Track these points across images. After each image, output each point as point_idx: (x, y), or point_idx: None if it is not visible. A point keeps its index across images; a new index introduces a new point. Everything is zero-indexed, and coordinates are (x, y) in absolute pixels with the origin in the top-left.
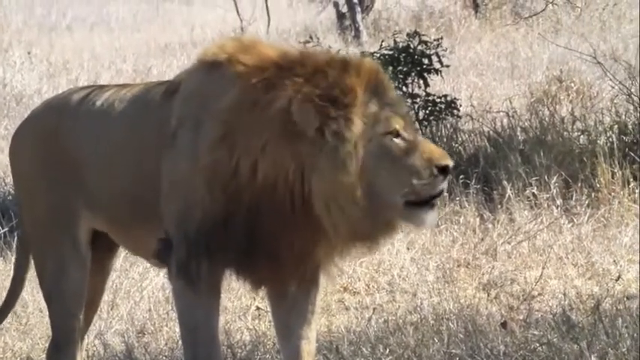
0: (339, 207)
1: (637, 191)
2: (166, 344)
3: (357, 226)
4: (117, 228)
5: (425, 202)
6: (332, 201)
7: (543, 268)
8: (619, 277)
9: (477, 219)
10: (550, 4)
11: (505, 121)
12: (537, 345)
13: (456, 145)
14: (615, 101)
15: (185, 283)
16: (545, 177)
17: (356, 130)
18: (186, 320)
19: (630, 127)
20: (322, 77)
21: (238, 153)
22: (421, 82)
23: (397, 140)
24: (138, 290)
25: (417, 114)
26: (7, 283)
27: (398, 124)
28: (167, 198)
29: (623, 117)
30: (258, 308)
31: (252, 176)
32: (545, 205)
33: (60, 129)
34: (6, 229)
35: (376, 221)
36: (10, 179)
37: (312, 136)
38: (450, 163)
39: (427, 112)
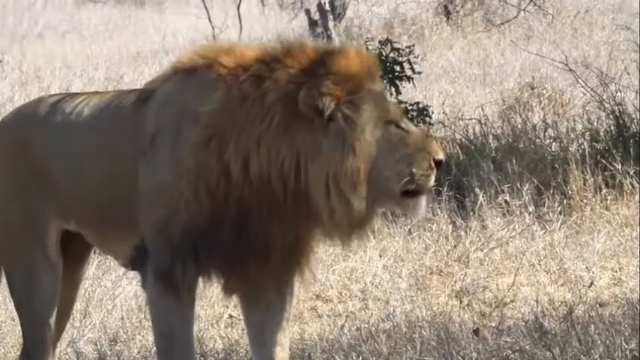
0: (339, 192)
1: (609, 198)
2: (139, 352)
3: (353, 212)
4: (89, 232)
5: (420, 191)
6: (333, 185)
7: (516, 275)
8: (591, 283)
9: (450, 226)
10: (522, 11)
11: (477, 128)
12: (510, 352)
13: None
14: (587, 108)
15: (163, 289)
16: (518, 184)
17: (364, 116)
18: (162, 327)
19: (602, 134)
20: (320, 66)
21: (228, 153)
22: (393, 89)
23: (397, 130)
24: (110, 298)
25: None
26: None
27: (396, 114)
28: (146, 205)
29: (595, 124)
30: (230, 316)
31: (243, 174)
32: (518, 212)
33: (30, 137)
34: None
35: (372, 208)
36: None
37: (318, 123)
38: (444, 158)
39: None
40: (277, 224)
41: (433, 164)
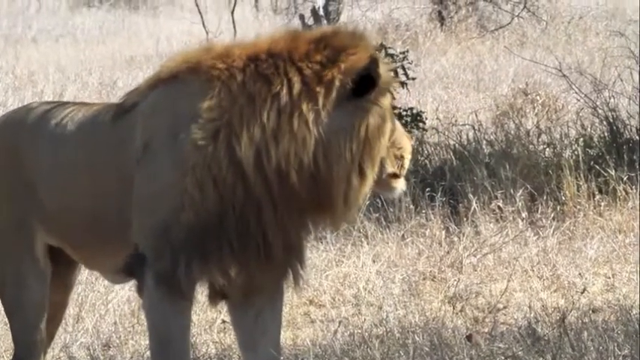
0: (361, 172)
1: (602, 204)
2: (132, 357)
3: (364, 193)
4: (72, 246)
5: (400, 175)
6: (358, 166)
7: (509, 280)
8: (584, 289)
9: (443, 232)
10: (516, 17)
11: (471, 134)
12: (502, 358)
13: (422, 158)
14: (581, 114)
15: (163, 295)
16: (511, 190)
17: (389, 96)
18: (160, 333)
19: (596, 140)
20: (335, 53)
21: (240, 146)
22: None
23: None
24: (103, 303)
25: None
26: None
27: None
28: (142, 211)
29: (589, 130)
30: (223, 321)
31: (256, 167)
32: (511, 218)
33: (19, 145)
34: None
35: (373, 190)
36: None
37: (355, 104)
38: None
39: None
40: (282, 218)
41: (410, 149)
